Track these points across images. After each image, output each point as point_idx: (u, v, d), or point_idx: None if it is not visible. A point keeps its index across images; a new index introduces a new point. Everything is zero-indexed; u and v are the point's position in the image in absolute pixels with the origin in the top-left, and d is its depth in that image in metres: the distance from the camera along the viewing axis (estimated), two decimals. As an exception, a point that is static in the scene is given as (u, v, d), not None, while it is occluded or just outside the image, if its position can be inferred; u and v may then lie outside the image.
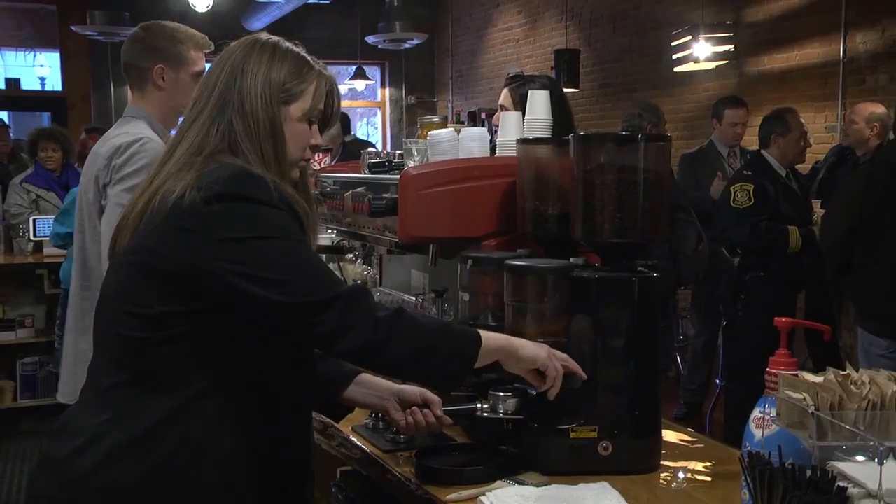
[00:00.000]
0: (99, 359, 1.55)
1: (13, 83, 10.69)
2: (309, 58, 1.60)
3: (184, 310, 1.45)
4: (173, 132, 3.03)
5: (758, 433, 1.44)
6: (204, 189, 1.42)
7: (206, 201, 1.41)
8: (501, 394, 1.73)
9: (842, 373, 1.33)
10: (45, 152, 5.99)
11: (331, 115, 1.66)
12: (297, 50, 1.60)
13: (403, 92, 11.63)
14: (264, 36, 1.60)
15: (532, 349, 1.65)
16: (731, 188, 4.51)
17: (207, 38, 2.58)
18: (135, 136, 2.41)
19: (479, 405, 1.75)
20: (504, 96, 2.84)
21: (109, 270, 1.58)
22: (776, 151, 4.57)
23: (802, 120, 4.74)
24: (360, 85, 10.34)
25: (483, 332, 1.60)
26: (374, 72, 11.48)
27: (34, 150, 6.09)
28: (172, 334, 1.45)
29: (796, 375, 1.38)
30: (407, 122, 11.51)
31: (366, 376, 1.78)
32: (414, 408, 1.74)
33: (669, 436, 1.92)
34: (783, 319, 1.57)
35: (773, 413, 1.40)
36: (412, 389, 1.77)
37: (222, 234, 1.42)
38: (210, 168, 1.47)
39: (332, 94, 1.64)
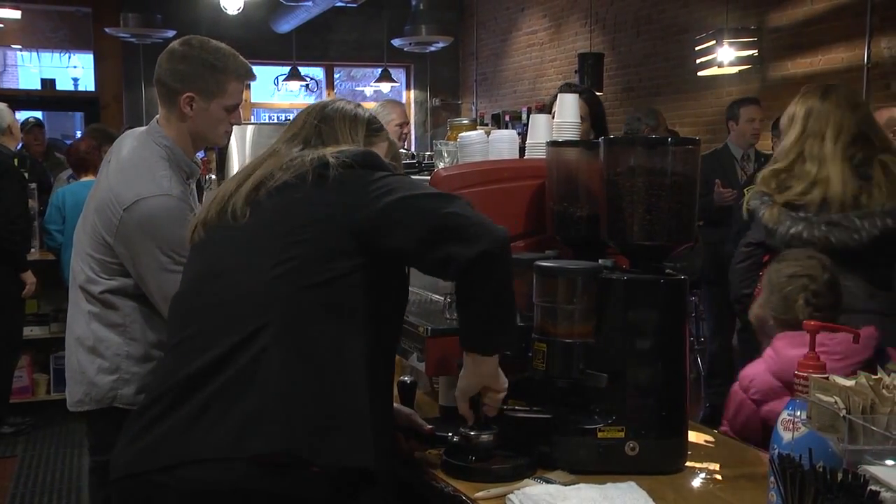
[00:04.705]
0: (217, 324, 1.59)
1: (48, 83, 10.89)
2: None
3: (361, 262, 1.59)
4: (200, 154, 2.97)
5: (786, 436, 1.44)
6: (344, 159, 1.63)
7: (348, 166, 1.62)
8: (472, 432, 1.76)
9: (874, 377, 1.33)
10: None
11: None
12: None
13: (428, 94, 11.67)
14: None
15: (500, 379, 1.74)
16: (745, 191, 4.50)
17: (252, 68, 2.28)
18: (137, 195, 2.11)
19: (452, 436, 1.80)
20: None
21: (212, 239, 1.69)
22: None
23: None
24: (385, 87, 10.39)
25: None
26: (399, 74, 11.53)
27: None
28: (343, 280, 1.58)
29: (827, 378, 1.39)
30: (431, 125, 11.54)
31: None
32: None
33: (694, 437, 1.93)
34: (812, 322, 1.58)
35: (803, 416, 1.40)
36: (401, 410, 1.84)
37: (371, 186, 1.61)
38: (335, 149, 1.69)
39: (395, 157, 1.93)
